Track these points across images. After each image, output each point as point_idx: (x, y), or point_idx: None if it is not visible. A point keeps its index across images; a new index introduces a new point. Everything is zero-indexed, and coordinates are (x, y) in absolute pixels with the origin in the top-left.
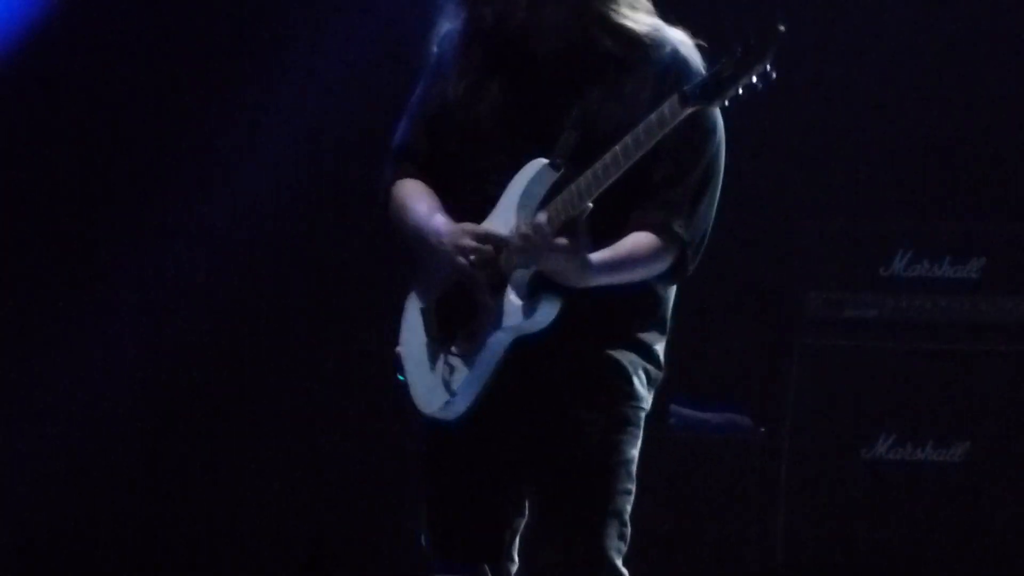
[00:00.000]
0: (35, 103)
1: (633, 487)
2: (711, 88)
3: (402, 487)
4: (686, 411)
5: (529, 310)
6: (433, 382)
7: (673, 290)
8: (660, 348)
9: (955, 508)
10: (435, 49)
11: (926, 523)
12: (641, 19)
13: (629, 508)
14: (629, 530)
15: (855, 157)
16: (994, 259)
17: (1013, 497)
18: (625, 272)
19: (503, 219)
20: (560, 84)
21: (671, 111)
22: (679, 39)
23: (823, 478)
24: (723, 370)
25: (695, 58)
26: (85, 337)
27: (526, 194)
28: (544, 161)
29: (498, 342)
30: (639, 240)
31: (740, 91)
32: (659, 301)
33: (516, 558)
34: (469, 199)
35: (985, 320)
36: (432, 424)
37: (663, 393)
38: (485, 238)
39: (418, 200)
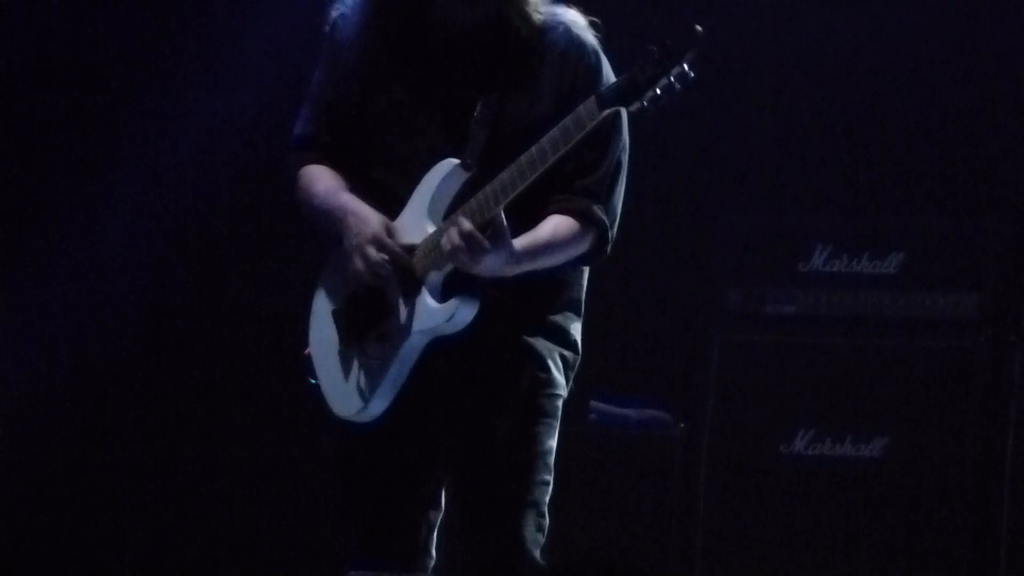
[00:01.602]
0: None
1: (551, 478)
2: (627, 90)
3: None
4: (606, 407)
5: (448, 313)
6: (348, 387)
7: (585, 271)
8: (576, 330)
9: (874, 503)
10: (329, 30)
11: (846, 518)
12: (537, 5)
13: (547, 499)
14: (547, 521)
15: (774, 151)
16: (913, 254)
17: (931, 491)
18: (547, 256)
19: (414, 219)
20: (464, 73)
21: (588, 114)
22: (571, 19)
23: (743, 474)
24: (643, 365)
25: (589, 38)
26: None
27: (438, 193)
28: (455, 161)
29: (413, 345)
30: (559, 224)
31: (658, 92)
32: (569, 282)
33: (434, 552)
34: (373, 194)
35: (904, 315)
36: (346, 422)
37: (583, 389)
38: (394, 252)
39: (321, 181)
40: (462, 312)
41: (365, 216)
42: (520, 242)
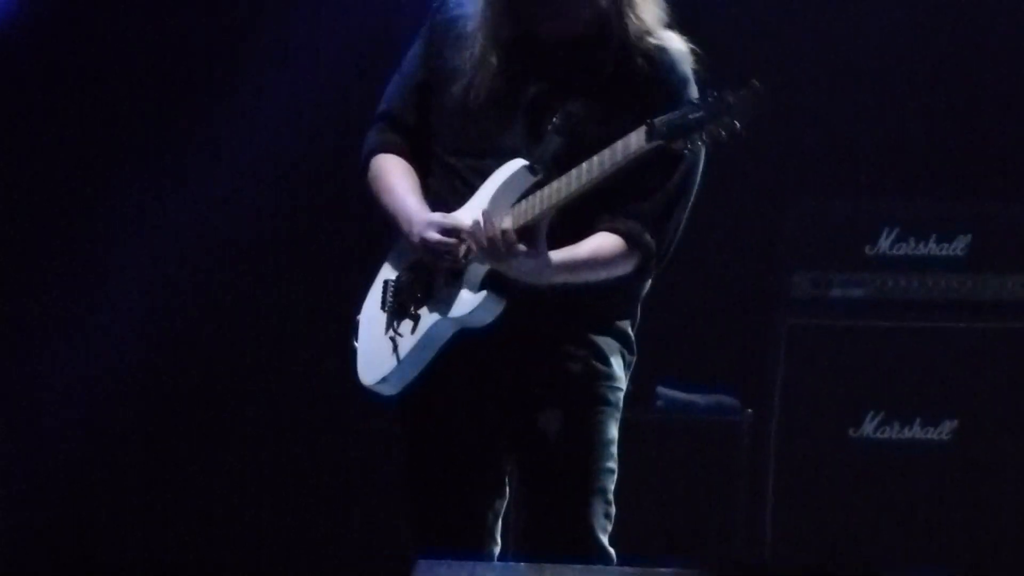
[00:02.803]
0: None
1: (615, 466)
2: (677, 126)
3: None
4: (673, 393)
5: (470, 306)
6: (374, 355)
7: (648, 282)
8: (632, 334)
9: (943, 486)
10: (436, 8)
11: (915, 502)
12: (651, 23)
13: (612, 487)
14: (614, 509)
15: (841, 134)
16: (980, 237)
17: (1001, 474)
18: (586, 271)
19: (473, 211)
20: (555, 82)
21: (637, 143)
22: (673, 46)
23: (811, 458)
24: (710, 352)
25: (682, 68)
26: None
27: (501, 191)
28: (523, 163)
29: (439, 330)
30: (603, 242)
31: (704, 138)
32: (636, 293)
33: (499, 539)
34: (447, 180)
35: (971, 298)
36: (412, 406)
37: (649, 375)
38: (450, 231)
39: (396, 178)
40: (482, 309)
41: (426, 213)
42: (558, 254)
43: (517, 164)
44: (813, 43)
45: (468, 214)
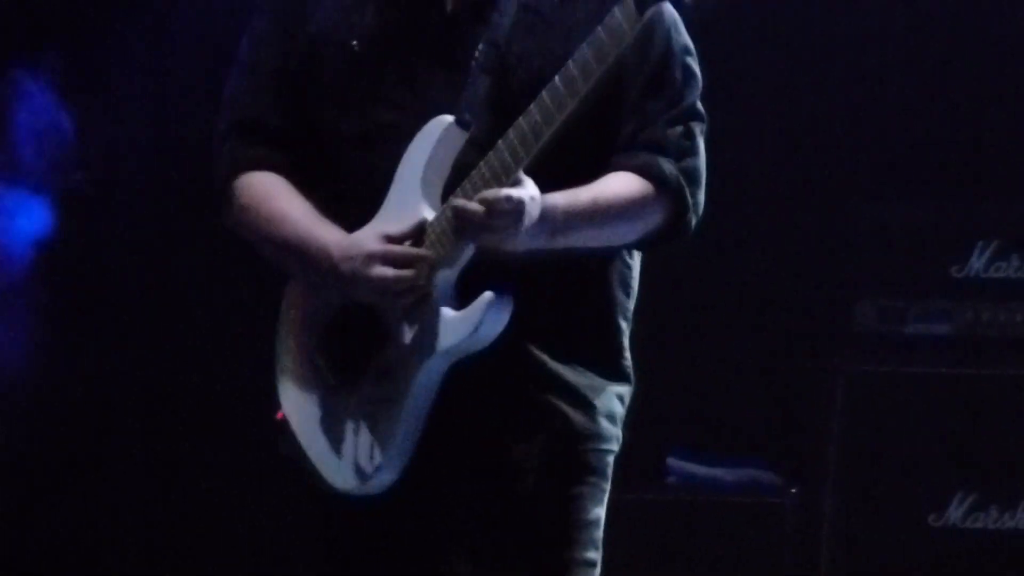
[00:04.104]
0: None
1: (598, 557)
2: None
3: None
4: (690, 466)
5: (473, 322)
6: (346, 450)
7: (636, 261)
8: (626, 347)
9: None
10: None
11: None
12: None
13: None
14: None
15: (919, 125)
16: None
17: None
18: (603, 221)
19: (404, 206)
20: (465, 22)
21: (626, 17)
22: None
23: (879, 552)
24: (739, 411)
25: None
26: None
27: (431, 167)
28: (449, 119)
29: (431, 373)
30: (616, 181)
31: None
32: (624, 279)
33: None
34: (346, 179)
35: None
36: (335, 499)
37: (655, 442)
38: (406, 260)
39: (282, 201)
40: (491, 320)
41: (350, 239)
42: (562, 198)
43: (440, 124)
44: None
45: (398, 204)
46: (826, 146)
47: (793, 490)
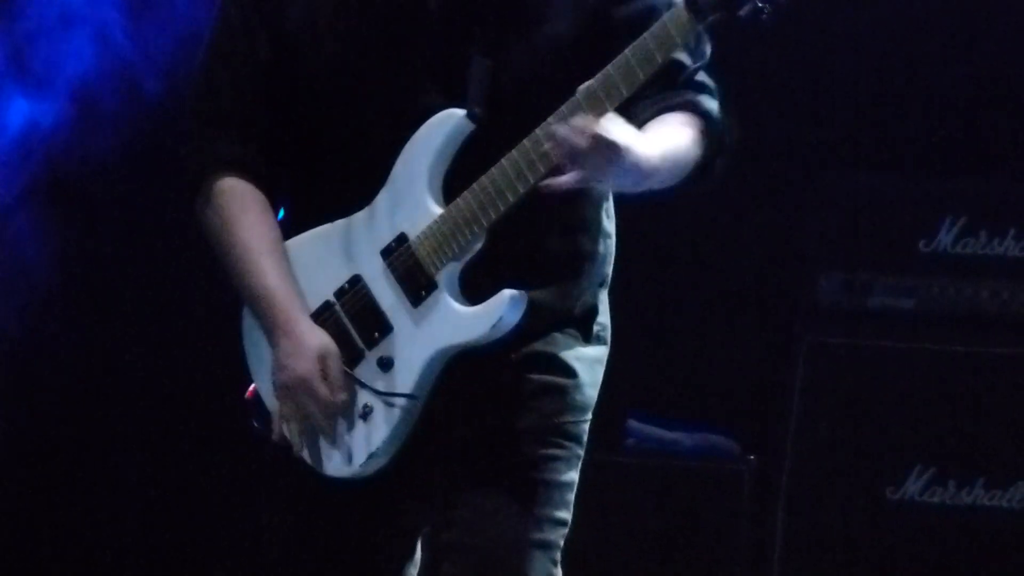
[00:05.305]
0: None
1: (568, 517)
2: None
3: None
4: (649, 429)
5: (494, 317)
6: (341, 436)
7: (610, 216)
8: (605, 310)
9: (1014, 566)
10: None
11: None
12: None
13: (561, 543)
14: (560, 573)
15: (889, 96)
16: None
17: None
18: (670, 161)
19: (409, 198)
20: (454, 8)
21: (677, 28)
22: None
23: (833, 525)
24: (701, 377)
25: None
26: None
27: (438, 161)
28: (460, 112)
29: (435, 364)
30: (666, 120)
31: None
32: (610, 238)
33: None
34: (335, 183)
35: None
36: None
37: (616, 404)
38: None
39: (257, 239)
40: (511, 313)
41: (299, 338)
42: (645, 140)
43: (451, 116)
44: None
45: (403, 201)
46: (796, 116)
47: (751, 457)
